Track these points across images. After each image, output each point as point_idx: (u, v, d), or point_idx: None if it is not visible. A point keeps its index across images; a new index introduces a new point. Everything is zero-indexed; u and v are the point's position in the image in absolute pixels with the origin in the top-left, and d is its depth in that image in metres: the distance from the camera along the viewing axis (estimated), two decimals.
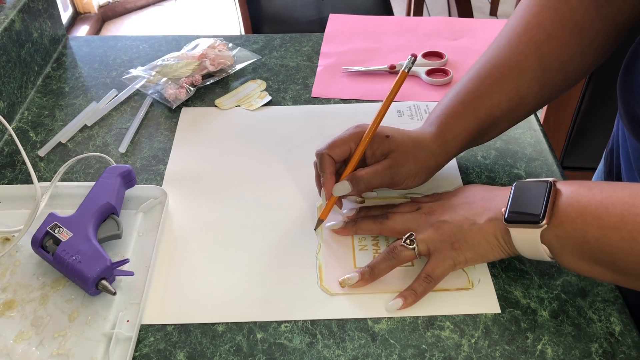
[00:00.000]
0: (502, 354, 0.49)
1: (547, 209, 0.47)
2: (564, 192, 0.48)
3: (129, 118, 0.75)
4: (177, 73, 0.77)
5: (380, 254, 0.54)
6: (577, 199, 0.46)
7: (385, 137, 0.58)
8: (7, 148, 0.71)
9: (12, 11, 0.75)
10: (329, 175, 0.58)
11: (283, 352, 0.49)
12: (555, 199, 0.47)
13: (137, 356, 0.49)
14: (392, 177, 0.57)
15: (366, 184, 0.57)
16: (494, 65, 0.59)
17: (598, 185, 0.47)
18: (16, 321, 0.51)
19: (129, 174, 0.61)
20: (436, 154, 0.59)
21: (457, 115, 0.59)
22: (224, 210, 0.62)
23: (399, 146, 0.57)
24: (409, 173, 0.58)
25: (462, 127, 0.59)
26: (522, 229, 0.48)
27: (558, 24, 0.56)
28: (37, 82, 0.81)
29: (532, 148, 0.69)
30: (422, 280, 0.52)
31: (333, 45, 0.88)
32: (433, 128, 0.60)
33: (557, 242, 0.47)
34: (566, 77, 0.59)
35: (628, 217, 0.43)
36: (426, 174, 0.59)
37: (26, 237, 0.56)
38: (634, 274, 0.44)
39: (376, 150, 0.58)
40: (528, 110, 0.61)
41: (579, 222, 0.45)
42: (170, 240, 0.59)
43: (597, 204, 0.45)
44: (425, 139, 0.59)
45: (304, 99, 0.78)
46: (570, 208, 0.46)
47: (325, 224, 0.59)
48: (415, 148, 0.58)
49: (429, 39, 0.89)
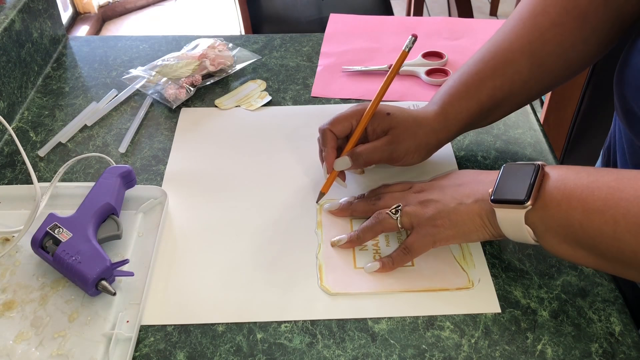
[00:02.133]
0: (502, 354, 0.49)
1: (532, 190, 0.47)
2: (551, 175, 0.48)
3: (129, 118, 0.75)
4: (177, 73, 0.77)
5: (369, 219, 0.56)
6: (563, 182, 0.47)
7: (386, 115, 0.60)
8: (7, 148, 0.71)
9: (12, 11, 0.75)
10: (330, 149, 0.60)
11: (283, 352, 0.49)
12: (542, 182, 0.48)
13: (137, 356, 0.49)
14: (391, 153, 0.59)
15: (365, 159, 0.59)
16: (498, 49, 0.60)
17: (585, 170, 0.47)
18: (16, 322, 0.51)
19: (129, 174, 0.61)
20: (437, 130, 0.60)
21: (460, 95, 0.61)
22: (223, 210, 0.62)
23: (399, 123, 0.59)
24: (408, 149, 0.60)
25: (464, 106, 0.60)
26: (507, 209, 0.48)
27: (562, 11, 0.57)
28: (37, 82, 0.81)
29: (532, 148, 0.69)
30: (400, 251, 0.54)
31: (333, 45, 0.88)
32: (435, 107, 0.61)
33: (541, 224, 0.47)
34: (568, 64, 0.60)
35: (612, 201, 0.43)
36: (426, 151, 0.61)
37: (26, 238, 0.56)
38: (616, 257, 0.44)
39: (377, 127, 0.60)
40: (530, 95, 0.62)
41: (564, 204, 0.46)
42: (170, 240, 0.59)
43: (582, 187, 0.45)
44: (427, 116, 0.61)
45: (304, 99, 0.78)
46: (556, 191, 0.47)
47: (324, 206, 0.62)
48: (415, 125, 0.60)
49: (429, 39, 0.89)
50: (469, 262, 0.56)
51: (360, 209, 0.59)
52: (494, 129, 0.72)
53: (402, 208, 0.54)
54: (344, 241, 0.57)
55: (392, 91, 0.79)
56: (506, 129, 0.72)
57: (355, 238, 0.57)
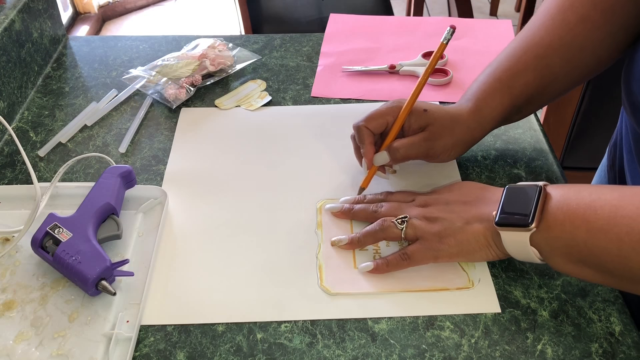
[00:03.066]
0: (502, 354, 0.49)
1: (536, 212, 0.48)
2: (553, 195, 0.48)
3: (129, 118, 0.75)
4: (177, 73, 0.77)
5: (372, 224, 0.56)
6: (566, 202, 0.47)
7: (423, 111, 0.60)
8: (7, 148, 0.71)
9: (12, 11, 0.75)
10: (368, 145, 0.61)
11: (283, 352, 0.49)
12: (544, 203, 0.48)
13: (137, 356, 0.49)
14: (427, 150, 0.60)
15: (403, 154, 0.60)
16: (528, 45, 0.61)
17: (587, 188, 0.48)
18: (16, 322, 0.51)
19: (129, 174, 0.61)
20: (472, 128, 0.61)
21: (494, 91, 0.61)
22: (224, 210, 0.62)
23: (436, 120, 0.60)
24: (444, 146, 0.60)
25: (498, 102, 0.61)
26: (512, 232, 0.49)
27: (590, 6, 0.57)
28: (37, 82, 0.81)
29: (532, 148, 0.69)
30: (399, 256, 0.54)
31: (333, 45, 0.88)
32: (470, 103, 0.62)
33: (547, 245, 0.48)
34: (597, 58, 0.60)
35: (615, 219, 0.44)
36: (462, 148, 0.62)
37: (26, 238, 0.56)
38: (622, 275, 0.45)
39: (413, 123, 0.60)
40: (560, 90, 0.63)
41: (568, 225, 0.46)
42: (170, 241, 0.59)
43: (585, 207, 0.46)
44: (462, 113, 0.61)
45: (304, 99, 0.78)
46: (559, 211, 0.47)
47: (325, 206, 0.62)
48: (452, 122, 0.60)
49: (429, 39, 0.89)
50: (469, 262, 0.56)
51: (362, 215, 0.59)
52: None
53: (409, 220, 0.54)
54: (344, 242, 0.57)
55: (392, 91, 0.79)
56: (506, 129, 0.72)
57: (357, 241, 0.57)
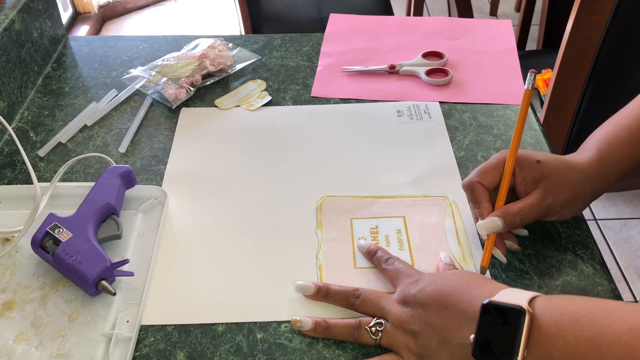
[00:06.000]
0: None
1: (519, 351, 0.39)
2: (543, 324, 0.40)
3: (129, 118, 0.75)
4: (177, 73, 0.77)
5: (345, 320, 0.50)
6: (561, 335, 0.39)
7: (536, 162, 0.54)
8: (7, 148, 0.71)
9: (12, 11, 0.75)
10: (485, 203, 0.54)
11: (283, 352, 0.49)
12: (531, 334, 0.40)
13: (137, 356, 0.49)
14: (547, 210, 0.54)
15: (522, 220, 0.53)
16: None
17: (587, 314, 0.39)
18: (16, 322, 0.51)
19: (129, 174, 0.61)
20: (593, 179, 0.55)
21: (620, 142, 0.55)
22: (223, 210, 0.62)
23: (551, 172, 0.54)
24: (565, 202, 0.54)
25: (625, 153, 0.55)
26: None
27: None
28: (37, 82, 0.81)
29: (532, 148, 0.69)
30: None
31: (333, 45, 0.88)
32: (590, 153, 0.56)
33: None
34: None
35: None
36: (582, 203, 0.55)
37: (26, 238, 0.56)
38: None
39: (527, 176, 0.54)
40: None
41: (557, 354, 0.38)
42: (170, 241, 0.59)
43: (587, 343, 0.38)
44: (582, 163, 0.55)
45: (304, 99, 0.78)
46: (552, 347, 0.39)
47: (296, 283, 0.54)
48: (570, 172, 0.54)
49: (429, 39, 0.89)
50: (469, 262, 0.56)
51: (338, 300, 0.52)
52: (494, 129, 0.72)
53: (384, 329, 0.48)
54: (307, 327, 0.50)
55: (392, 91, 0.79)
56: (506, 129, 0.72)
57: (322, 331, 0.50)
